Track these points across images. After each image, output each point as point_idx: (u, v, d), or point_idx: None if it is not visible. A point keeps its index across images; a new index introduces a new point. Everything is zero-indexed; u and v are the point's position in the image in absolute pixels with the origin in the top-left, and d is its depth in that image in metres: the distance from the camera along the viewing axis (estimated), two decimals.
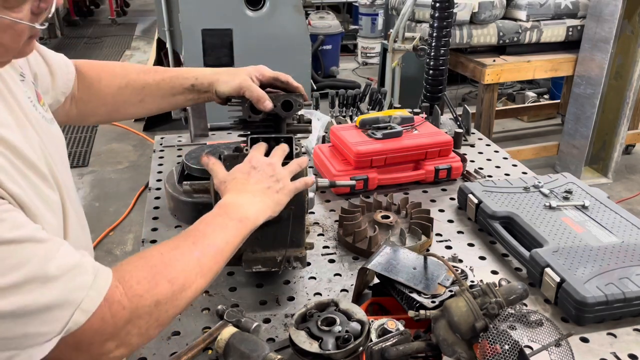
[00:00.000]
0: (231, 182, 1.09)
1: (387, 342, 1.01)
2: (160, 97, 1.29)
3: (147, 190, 1.79)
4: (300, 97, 1.21)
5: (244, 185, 1.07)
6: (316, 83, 5.85)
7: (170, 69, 1.32)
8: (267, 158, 1.13)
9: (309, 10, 7.16)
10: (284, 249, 1.21)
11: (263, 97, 1.20)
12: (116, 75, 1.28)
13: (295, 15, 3.87)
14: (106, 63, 1.32)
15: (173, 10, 4.10)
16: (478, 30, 3.92)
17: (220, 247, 0.95)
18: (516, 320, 0.98)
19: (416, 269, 1.17)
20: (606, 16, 3.80)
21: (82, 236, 1.04)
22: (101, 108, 1.29)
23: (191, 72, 1.29)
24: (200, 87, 1.27)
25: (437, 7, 2.58)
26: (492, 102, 4.11)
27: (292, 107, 1.20)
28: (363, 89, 2.28)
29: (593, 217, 1.44)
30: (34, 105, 0.96)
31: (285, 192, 1.10)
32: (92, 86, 1.26)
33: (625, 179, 4.51)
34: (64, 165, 1.01)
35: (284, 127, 1.25)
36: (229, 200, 1.05)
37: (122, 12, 10.85)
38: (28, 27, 0.79)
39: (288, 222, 1.20)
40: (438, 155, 1.78)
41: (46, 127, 0.97)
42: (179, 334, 1.15)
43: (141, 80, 1.28)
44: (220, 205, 1.03)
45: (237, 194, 1.06)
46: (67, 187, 0.97)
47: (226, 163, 1.17)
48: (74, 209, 1.00)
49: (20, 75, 0.96)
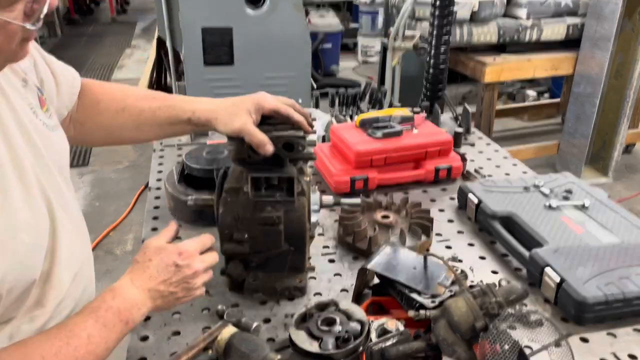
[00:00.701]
0: (144, 265, 0.98)
1: (387, 342, 1.01)
2: (157, 125, 1.25)
3: (147, 190, 1.79)
4: (303, 138, 1.16)
5: (152, 280, 0.97)
6: (316, 82, 5.84)
7: (170, 97, 1.27)
8: (195, 260, 1.02)
9: (309, 8, 7.14)
10: (283, 277, 1.24)
11: (263, 142, 1.13)
12: (115, 99, 1.25)
13: (295, 13, 3.86)
14: (109, 86, 1.29)
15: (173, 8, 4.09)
16: (478, 29, 3.91)
17: (101, 356, 0.89)
18: (516, 320, 0.98)
19: (416, 269, 1.17)
20: (606, 14, 3.79)
21: (78, 244, 1.02)
22: (97, 132, 1.26)
23: (189, 104, 1.23)
24: (197, 122, 1.23)
25: (437, 5, 2.57)
26: (492, 101, 4.11)
27: (293, 149, 1.16)
28: (363, 87, 2.28)
29: (593, 216, 1.44)
30: (34, 112, 0.95)
31: (183, 300, 1.02)
32: (90, 107, 1.23)
33: (626, 178, 4.51)
34: (61, 174, 0.99)
35: (286, 161, 1.20)
36: (129, 294, 0.94)
37: (122, 10, 10.86)
38: (21, 28, 0.77)
39: (288, 254, 1.22)
40: (438, 155, 1.78)
41: (46, 135, 0.96)
42: (179, 334, 1.15)
43: (138, 107, 1.24)
44: (118, 295, 0.93)
45: (141, 289, 0.96)
46: (62, 196, 0.96)
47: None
48: (70, 219, 0.98)
49: (22, 81, 0.95)
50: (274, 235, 1.19)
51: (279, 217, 1.18)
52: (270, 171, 1.18)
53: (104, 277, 3.24)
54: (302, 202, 1.20)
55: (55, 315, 0.95)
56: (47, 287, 0.93)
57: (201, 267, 1.03)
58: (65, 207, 0.97)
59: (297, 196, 1.18)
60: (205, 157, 1.61)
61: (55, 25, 8.95)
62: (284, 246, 1.21)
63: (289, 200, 1.18)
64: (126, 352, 1.10)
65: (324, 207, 1.37)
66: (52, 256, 0.93)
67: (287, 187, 1.18)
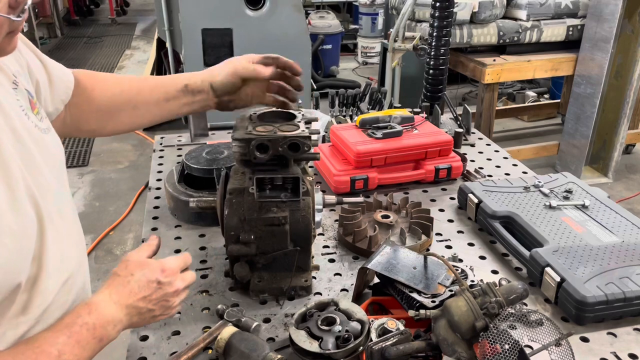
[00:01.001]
0: (125, 280, 0.95)
1: (387, 341, 1.00)
2: (154, 103, 1.26)
3: (147, 190, 1.79)
4: (308, 138, 1.16)
5: (132, 296, 0.94)
6: (316, 82, 5.85)
7: (163, 77, 1.31)
8: (177, 279, 0.99)
9: (309, 9, 7.16)
10: (289, 277, 1.24)
11: (259, 67, 1.19)
12: (109, 82, 1.26)
13: (295, 14, 3.87)
14: (100, 73, 1.31)
15: (173, 9, 4.10)
16: (478, 30, 3.92)
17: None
18: (516, 320, 0.98)
19: (416, 269, 1.17)
20: (606, 15, 3.80)
21: (71, 251, 0.99)
22: (93, 114, 1.25)
23: (184, 75, 1.28)
24: (193, 87, 1.24)
25: (437, 6, 2.57)
26: (492, 101, 4.11)
27: (299, 149, 1.16)
28: (363, 88, 2.28)
29: (593, 216, 1.44)
30: (26, 114, 0.93)
31: (159, 318, 0.99)
32: (85, 92, 1.22)
33: (626, 178, 4.51)
34: (56, 176, 0.97)
35: (291, 161, 1.20)
36: (107, 311, 0.91)
37: (122, 11, 10.85)
38: (7, 20, 0.76)
39: (294, 253, 1.22)
40: (438, 155, 1.78)
41: (39, 136, 0.94)
42: (179, 334, 1.15)
43: (135, 87, 1.26)
44: (94, 310, 0.90)
45: (119, 305, 0.92)
46: (55, 200, 0.93)
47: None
48: (64, 223, 0.96)
49: (13, 84, 0.93)
50: (280, 235, 1.19)
51: (285, 218, 1.18)
52: (274, 171, 1.18)
53: (104, 277, 3.24)
54: (307, 202, 1.20)
55: (41, 321, 0.90)
56: (33, 292, 0.88)
57: (181, 285, 1.00)
58: (59, 211, 0.94)
59: (302, 196, 1.18)
60: (205, 157, 1.61)
61: (55, 26, 8.95)
62: (289, 246, 1.21)
63: (295, 200, 1.18)
64: (126, 352, 1.10)
65: (326, 206, 1.37)
66: (39, 261, 0.88)
67: (292, 187, 1.18)
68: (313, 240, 1.25)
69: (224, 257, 1.38)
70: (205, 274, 1.33)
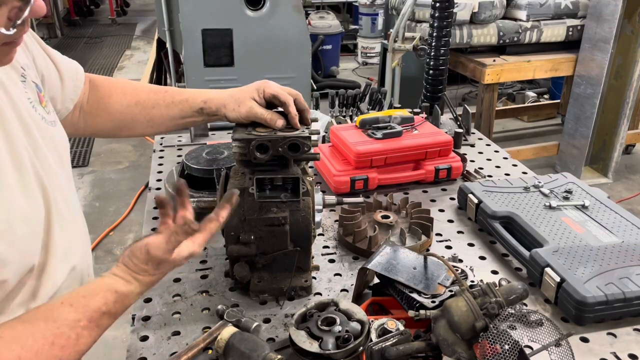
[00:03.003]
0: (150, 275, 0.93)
1: (387, 342, 1.01)
2: (169, 118, 1.27)
3: (147, 190, 1.79)
4: (308, 139, 1.16)
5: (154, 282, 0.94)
6: (316, 83, 5.84)
7: (181, 91, 1.29)
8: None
9: (309, 10, 7.16)
10: (289, 277, 1.24)
11: (273, 119, 1.18)
12: (127, 93, 1.27)
13: (295, 15, 3.86)
14: (119, 80, 1.32)
15: (173, 10, 4.10)
16: (478, 30, 3.92)
17: (82, 350, 0.86)
18: (516, 320, 0.98)
19: (416, 269, 1.17)
20: (606, 16, 3.80)
21: (77, 239, 1.01)
22: (108, 124, 1.28)
23: (200, 95, 1.26)
24: (208, 111, 1.26)
25: (437, 7, 2.58)
26: (492, 102, 4.11)
27: (299, 150, 1.15)
28: (363, 89, 2.29)
29: (593, 217, 1.44)
30: (34, 106, 0.95)
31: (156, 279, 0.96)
32: (101, 100, 1.25)
33: (626, 178, 4.51)
34: (62, 168, 1.00)
35: (291, 162, 1.20)
36: (130, 301, 0.91)
37: (122, 12, 10.86)
38: (1, 34, 0.75)
39: (295, 254, 1.22)
40: (438, 155, 1.78)
41: (46, 129, 0.97)
42: (179, 334, 1.15)
43: (151, 100, 1.26)
44: (120, 301, 0.89)
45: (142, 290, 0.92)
46: (62, 190, 0.96)
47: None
48: (70, 212, 0.98)
49: (22, 76, 0.96)
50: (280, 235, 1.19)
51: (285, 218, 1.18)
52: (274, 172, 1.18)
53: None
54: (307, 202, 1.20)
55: None
56: (41, 279, 0.92)
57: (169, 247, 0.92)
58: (65, 201, 0.96)
59: (302, 196, 1.19)
60: (205, 157, 1.61)
61: (55, 26, 8.96)
62: (289, 246, 1.21)
63: (295, 201, 1.18)
64: (126, 352, 1.10)
65: (326, 206, 1.37)
66: (47, 246, 0.92)
67: (292, 188, 1.18)
68: (313, 241, 1.25)
69: (224, 257, 1.38)
70: (205, 274, 1.33)
